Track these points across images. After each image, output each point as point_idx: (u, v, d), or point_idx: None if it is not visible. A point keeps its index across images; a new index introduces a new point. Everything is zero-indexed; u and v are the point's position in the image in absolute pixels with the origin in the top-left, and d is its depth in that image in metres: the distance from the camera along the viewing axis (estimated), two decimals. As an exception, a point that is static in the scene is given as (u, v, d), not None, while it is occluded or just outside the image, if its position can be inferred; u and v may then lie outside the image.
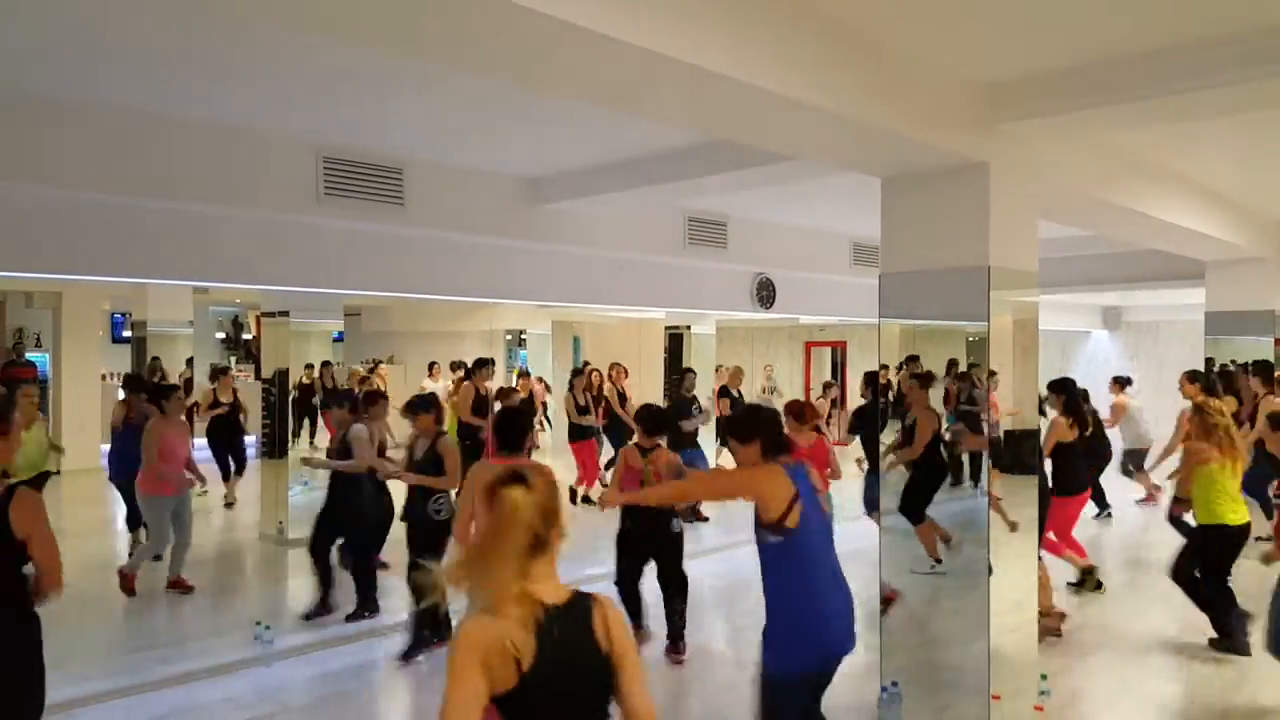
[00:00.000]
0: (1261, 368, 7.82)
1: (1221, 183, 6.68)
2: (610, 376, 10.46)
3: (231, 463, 9.86)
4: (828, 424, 10.33)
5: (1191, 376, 7.74)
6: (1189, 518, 5.93)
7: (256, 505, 9.36)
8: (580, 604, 1.99)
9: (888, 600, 4.73)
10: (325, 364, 10.83)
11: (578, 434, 10.02)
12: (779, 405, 9.56)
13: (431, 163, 5.84)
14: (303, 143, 5.33)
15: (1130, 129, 4.81)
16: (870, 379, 8.33)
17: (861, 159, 4.44)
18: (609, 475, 8.56)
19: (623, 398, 10.30)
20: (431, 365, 13.54)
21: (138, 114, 4.76)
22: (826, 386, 10.60)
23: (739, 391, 10.30)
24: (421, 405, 5.58)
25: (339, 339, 10.37)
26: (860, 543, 5.95)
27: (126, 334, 13.59)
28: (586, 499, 9.64)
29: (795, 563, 3.26)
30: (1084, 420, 6.32)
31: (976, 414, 4.74)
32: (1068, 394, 6.25)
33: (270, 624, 5.59)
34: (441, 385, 12.25)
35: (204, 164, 5.03)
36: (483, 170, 6.13)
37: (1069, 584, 6.69)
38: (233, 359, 17.13)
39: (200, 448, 9.45)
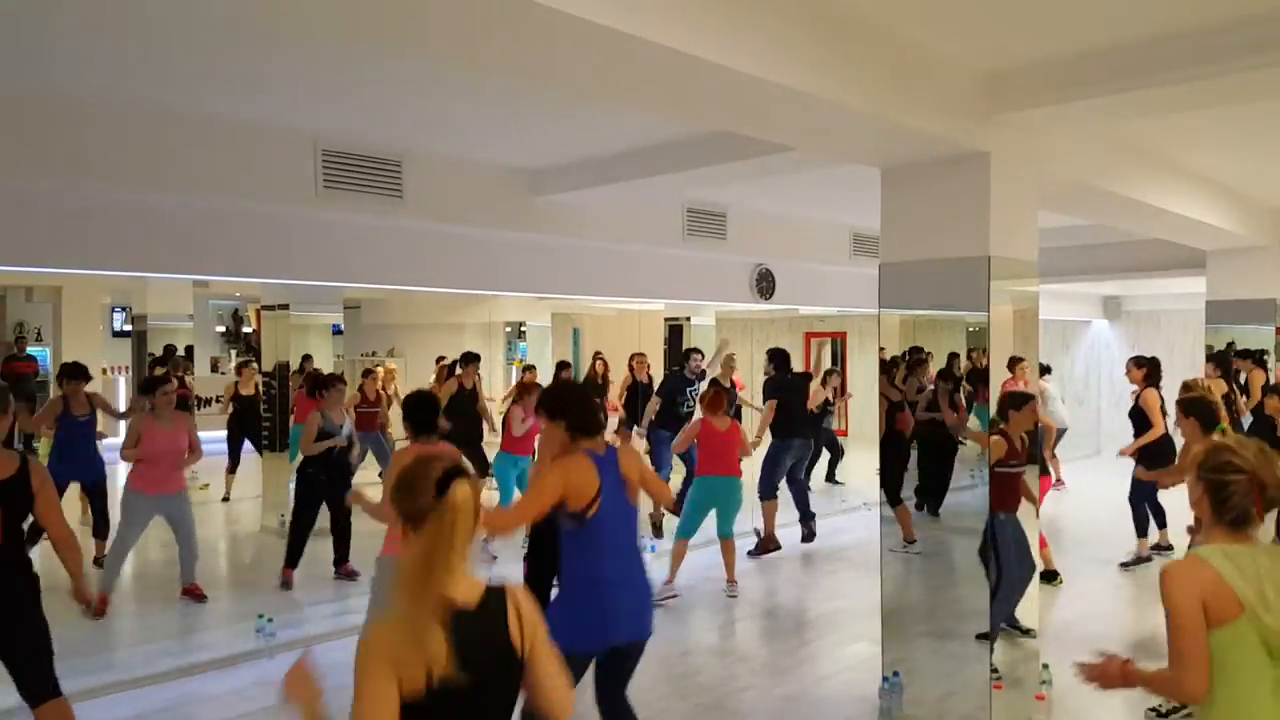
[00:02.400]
0: (1219, 358, 7.88)
1: (1222, 171, 6.66)
2: (631, 366, 10.42)
3: (252, 452, 9.52)
4: (832, 410, 10.30)
5: (1138, 362, 7.73)
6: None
7: (254, 499, 9.40)
8: (494, 603, 1.90)
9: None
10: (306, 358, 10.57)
11: None
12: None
13: (430, 154, 5.83)
14: (302, 136, 5.31)
15: (1131, 118, 4.79)
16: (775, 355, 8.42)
17: (861, 149, 4.42)
18: None
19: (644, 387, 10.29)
20: (439, 360, 13.38)
21: (136, 108, 4.75)
22: (828, 374, 10.57)
23: (731, 382, 10.20)
24: None
25: (338, 332, 10.36)
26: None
27: (127, 328, 13.59)
28: None
29: (588, 551, 3.32)
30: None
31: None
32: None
33: (272, 617, 5.60)
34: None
35: (203, 158, 5.02)
36: (481, 162, 6.12)
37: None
38: (232, 352, 17.12)
39: (214, 440, 9.50)
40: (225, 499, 9.70)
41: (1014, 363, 4.52)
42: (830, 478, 11.13)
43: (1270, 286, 8.26)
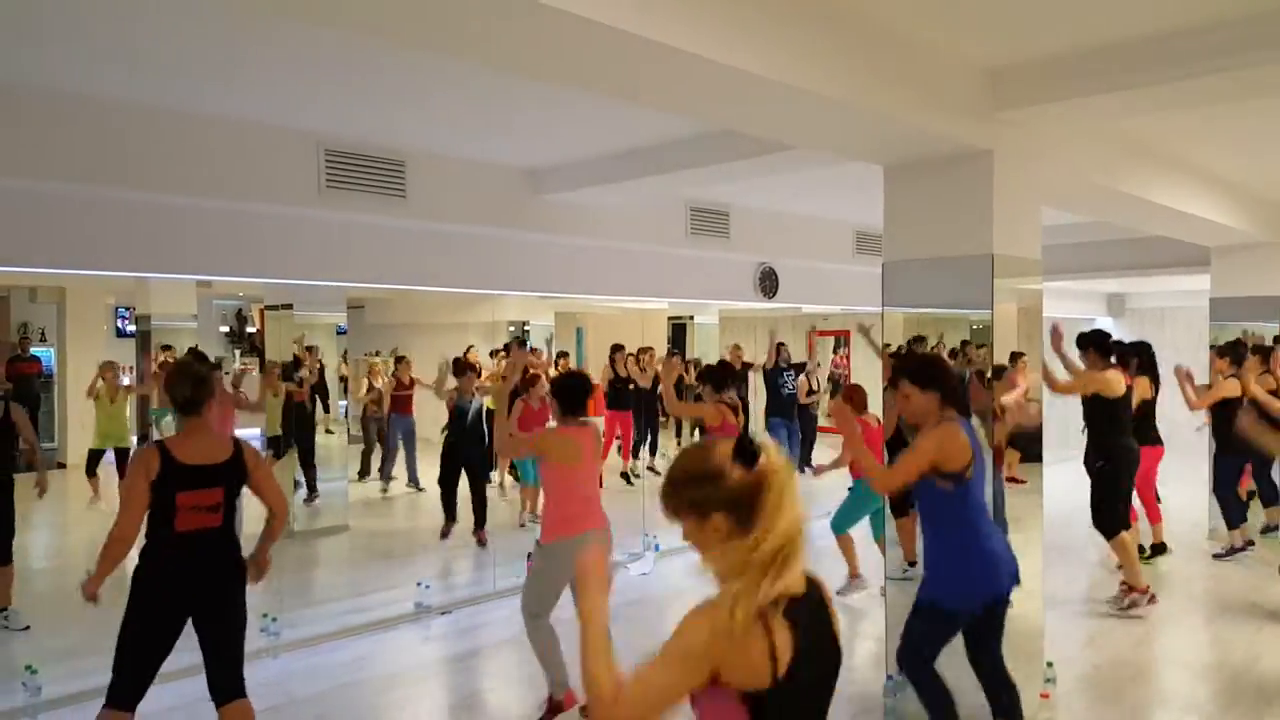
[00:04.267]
0: (1231, 348, 7.76)
1: (1227, 168, 6.65)
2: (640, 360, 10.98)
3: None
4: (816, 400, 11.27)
5: (1220, 351, 7.45)
6: None
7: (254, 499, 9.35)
8: (815, 591, 1.75)
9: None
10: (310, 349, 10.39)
11: (615, 403, 10.79)
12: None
13: (433, 154, 5.83)
14: (304, 136, 5.32)
15: (1135, 115, 4.78)
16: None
17: (864, 147, 4.42)
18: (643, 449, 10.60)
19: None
20: (468, 350, 13.39)
21: (140, 108, 4.75)
22: (797, 368, 10.94)
23: (743, 362, 10.75)
24: None
25: (342, 332, 10.42)
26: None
27: (131, 328, 13.61)
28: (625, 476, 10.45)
29: (969, 510, 3.50)
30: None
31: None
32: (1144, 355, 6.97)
33: (277, 616, 5.61)
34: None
35: (206, 158, 5.03)
36: (484, 161, 6.12)
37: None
38: (236, 352, 17.13)
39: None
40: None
41: (1014, 358, 4.52)
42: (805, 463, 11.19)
43: (1275, 283, 8.25)
